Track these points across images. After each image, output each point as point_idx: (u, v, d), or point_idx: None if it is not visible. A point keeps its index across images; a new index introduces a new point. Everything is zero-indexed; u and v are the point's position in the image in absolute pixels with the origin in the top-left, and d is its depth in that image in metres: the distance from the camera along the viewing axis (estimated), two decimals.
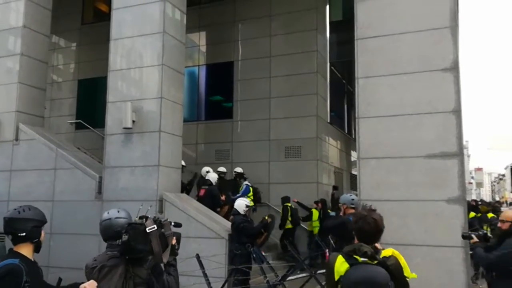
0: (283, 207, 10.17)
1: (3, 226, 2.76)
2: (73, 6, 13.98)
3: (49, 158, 8.36)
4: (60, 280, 2.95)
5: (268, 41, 11.72)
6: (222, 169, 10.41)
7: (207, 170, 9.50)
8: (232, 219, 7.05)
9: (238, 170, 10.76)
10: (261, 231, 6.81)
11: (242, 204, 6.97)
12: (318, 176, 11.10)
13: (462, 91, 5.91)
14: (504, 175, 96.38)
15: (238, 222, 6.70)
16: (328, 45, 12.40)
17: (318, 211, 10.34)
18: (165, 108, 7.73)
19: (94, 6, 14.66)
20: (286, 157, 11.29)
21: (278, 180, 11.19)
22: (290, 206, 10.18)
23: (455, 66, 5.83)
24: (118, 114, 7.81)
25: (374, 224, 2.57)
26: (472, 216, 9.98)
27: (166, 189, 7.58)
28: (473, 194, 79.55)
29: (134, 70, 8.06)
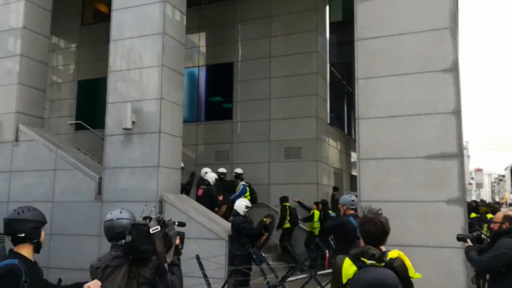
0: (282, 207, 10.18)
1: (3, 227, 2.77)
2: (73, 7, 13.99)
3: (49, 159, 8.35)
4: (60, 280, 2.95)
5: (268, 42, 11.72)
6: (222, 170, 10.44)
7: (206, 171, 9.51)
8: (232, 220, 7.05)
9: (238, 171, 10.78)
10: (261, 232, 6.80)
11: (242, 205, 6.97)
12: (318, 177, 11.10)
13: (462, 92, 5.92)
14: (504, 176, 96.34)
15: (238, 223, 6.69)
16: (328, 45, 12.40)
17: (319, 212, 10.34)
18: (165, 109, 7.74)
19: (94, 7, 14.66)
20: (286, 158, 11.29)
21: (278, 181, 11.18)
22: (288, 206, 10.18)
23: (455, 67, 5.83)
24: (118, 115, 7.81)
25: (380, 226, 2.59)
26: (472, 216, 9.98)
27: (166, 190, 7.58)
28: (473, 195, 79.50)
29: (134, 71, 8.07)
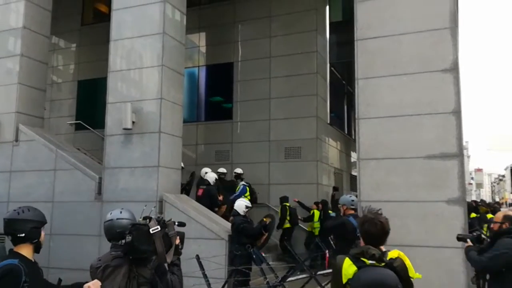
0: (282, 207, 10.18)
1: (3, 227, 2.78)
2: (73, 7, 13.99)
3: (48, 159, 8.35)
4: (60, 280, 2.96)
5: (268, 42, 11.72)
6: (222, 170, 10.44)
7: (206, 171, 9.51)
8: (232, 220, 7.05)
9: (238, 171, 10.78)
10: (261, 232, 6.80)
11: (242, 205, 6.97)
12: (318, 177, 11.10)
13: (462, 92, 5.92)
14: (504, 176, 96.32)
15: (238, 223, 6.69)
16: (328, 46, 12.40)
17: (319, 212, 10.34)
18: (165, 109, 7.74)
19: (94, 7, 14.66)
20: (286, 158, 11.29)
21: (278, 181, 11.18)
22: (288, 206, 10.18)
23: (455, 67, 5.83)
24: (118, 115, 7.81)
25: (380, 226, 2.59)
26: (472, 216, 9.99)
27: (166, 190, 7.58)
28: (473, 195, 79.48)
29: (134, 71, 8.07)
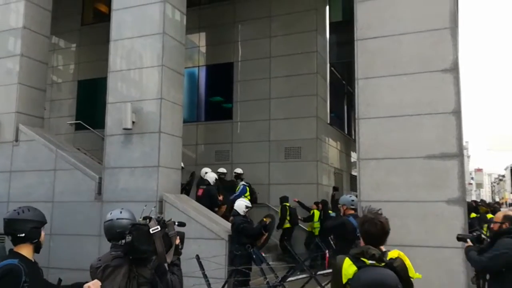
0: (282, 207, 10.18)
1: (3, 227, 2.78)
2: (73, 7, 13.99)
3: (49, 159, 8.35)
4: (60, 281, 2.96)
5: (268, 42, 11.72)
6: (222, 170, 10.44)
7: (206, 171, 9.51)
8: (232, 220, 7.05)
9: (238, 171, 10.77)
10: (261, 232, 6.80)
11: (242, 205, 6.97)
12: (318, 177, 11.10)
13: (462, 92, 5.92)
14: (504, 176, 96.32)
15: (238, 223, 6.69)
16: (328, 46, 12.40)
17: (319, 212, 10.34)
18: (165, 109, 7.74)
19: (94, 7, 14.66)
20: (286, 158, 11.29)
21: (278, 181, 11.18)
22: (288, 205, 10.18)
23: (455, 67, 5.83)
24: (118, 115, 7.81)
25: (380, 226, 2.59)
26: (473, 216, 9.99)
27: (166, 190, 7.58)
28: (473, 195, 79.48)
29: (134, 71, 8.07)
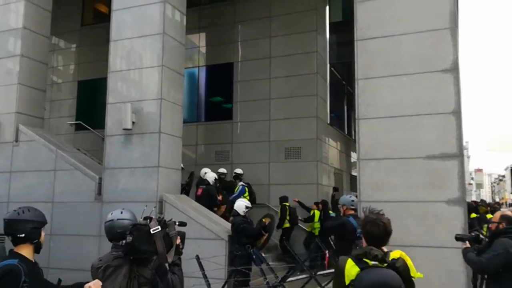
0: (281, 207, 10.17)
1: (3, 227, 2.78)
2: (73, 7, 13.99)
3: (49, 159, 8.35)
4: (59, 281, 2.96)
5: (268, 42, 11.72)
6: (223, 170, 10.44)
7: (205, 171, 9.51)
8: (232, 220, 7.05)
9: (238, 171, 10.77)
10: (261, 233, 6.80)
11: (242, 205, 6.97)
12: (318, 177, 11.10)
13: (462, 92, 5.92)
14: (504, 176, 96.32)
15: (238, 223, 6.69)
16: (328, 46, 12.40)
17: (319, 212, 10.33)
18: (165, 109, 7.73)
19: (94, 8, 14.66)
20: (286, 158, 11.29)
21: (278, 181, 11.18)
22: (288, 205, 10.18)
23: (455, 67, 5.83)
24: (118, 115, 7.81)
25: (383, 227, 2.59)
26: (473, 217, 9.98)
27: (166, 190, 7.58)
28: (473, 195, 79.49)
29: (134, 71, 8.07)
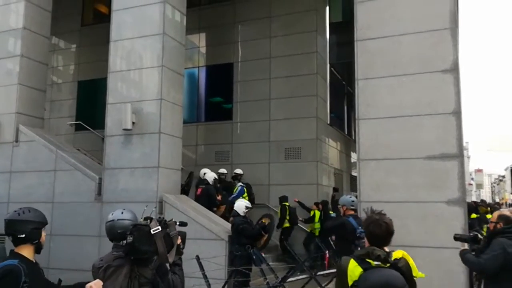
0: (281, 206, 10.17)
1: (4, 227, 2.79)
2: (73, 8, 13.99)
3: (49, 160, 8.35)
4: (60, 281, 2.97)
5: (268, 42, 11.72)
6: (223, 170, 10.43)
7: (204, 171, 9.51)
8: (232, 221, 7.05)
9: (238, 171, 10.76)
10: (261, 233, 6.80)
11: (242, 205, 6.97)
12: (318, 177, 11.10)
13: (462, 93, 5.93)
14: (504, 177, 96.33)
15: (237, 224, 6.70)
16: (328, 46, 12.40)
17: (320, 212, 10.33)
18: (164, 109, 7.74)
19: (94, 8, 14.67)
20: (286, 158, 11.29)
21: (278, 181, 11.18)
22: (288, 205, 10.18)
23: (455, 68, 5.83)
24: (118, 116, 7.81)
25: (385, 227, 2.60)
26: (473, 217, 9.98)
27: (166, 190, 7.58)
28: (473, 195, 79.50)
29: (134, 72, 8.07)
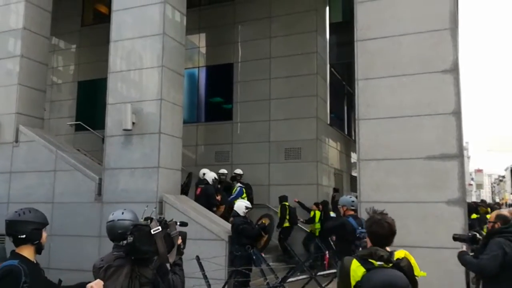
0: (281, 206, 10.16)
1: (5, 228, 2.80)
2: (73, 8, 13.99)
3: (49, 160, 8.35)
4: (60, 281, 2.97)
5: (268, 42, 11.73)
6: (223, 171, 10.43)
7: (204, 172, 9.51)
8: (232, 221, 7.05)
9: (238, 171, 10.76)
10: (260, 234, 6.80)
11: (242, 205, 6.97)
12: (318, 177, 11.10)
13: (462, 93, 5.93)
14: (504, 177, 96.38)
15: (237, 224, 6.70)
16: (328, 46, 12.40)
17: (320, 213, 10.32)
18: (165, 109, 7.74)
19: (94, 8, 14.67)
20: (286, 158, 11.29)
21: (278, 181, 11.17)
22: (288, 205, 10.17)
23: (455, 68, 5.84)
24: (118, 116, 7.81)
25: (388, 227, 2.60)
26: (473, 217, 9.99)
27: (166, 191, 7.58)
28: (473, 195, 79.52)
29: (134, 72, 8.07)
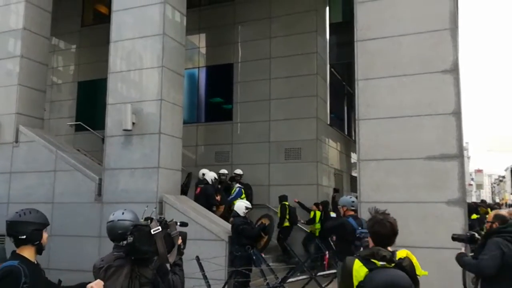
0: (281, 206, 10.16)
1: (6, 229, 2.81)
2: (73, 8, 14.00)
3: (49, 160, 8.36)
4: (60, 282, 2.97)
5: (268, 43, 11.73)
6: (224, 171, 10.43)
7: (203, 172, 9.51)
8: (232, 221, 7.05)
9: (238, 172, 10.76)
10: (260, 234, 6.80)
11: (242, 206, 6.97)
12: (318, 178, 11.10)
13: (462, 93, 5.93)
14: (504, 177, 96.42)
15: (237, 224, 6.70)
16: (328, 47, 12.40)
17: (320, 213, 10.32)
18: (165, 110, 7.74)
19: (94, 8, 14.67)
20: (286, 159, 11.29)
21: (278, 182, 11.17)
22: (288, 204, 10.17)
23: (455, 68, 5.84)
24: (118, 116, 7.81)
25: (390, 227, 2.60)
26: (474, 218, 10.00)
27: (166, 191, 7.58)
28: (473, 195, 79.56)
29: (134, 72, 8.07)
